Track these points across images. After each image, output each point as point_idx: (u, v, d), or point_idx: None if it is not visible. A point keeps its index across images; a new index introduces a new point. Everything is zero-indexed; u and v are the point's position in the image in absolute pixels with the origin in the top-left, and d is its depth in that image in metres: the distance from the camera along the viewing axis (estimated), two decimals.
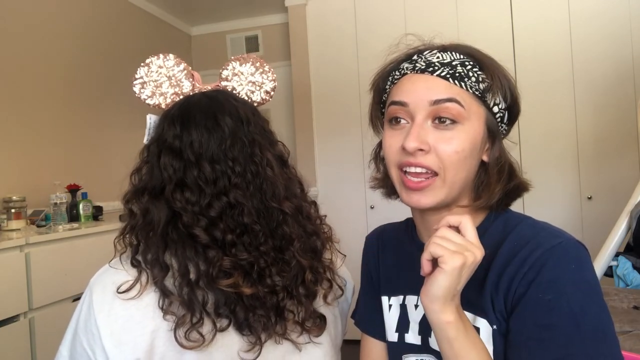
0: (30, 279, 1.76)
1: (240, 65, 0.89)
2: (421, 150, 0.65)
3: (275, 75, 0.91)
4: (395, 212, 0.92)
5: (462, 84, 0.66)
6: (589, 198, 2.81)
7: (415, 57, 0.70)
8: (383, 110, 0.75)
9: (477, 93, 0.66)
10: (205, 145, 0.73)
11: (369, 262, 0.89)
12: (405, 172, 0.68)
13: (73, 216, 2.32)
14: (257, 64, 0.90)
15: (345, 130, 3.23)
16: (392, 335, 0.79)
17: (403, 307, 0.78)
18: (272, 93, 0.90)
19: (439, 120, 0.65)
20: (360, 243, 0.91)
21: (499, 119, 0.70)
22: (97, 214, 2.46)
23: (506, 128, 0.73)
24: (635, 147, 2.72)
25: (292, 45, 3.40)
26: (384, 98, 0.75)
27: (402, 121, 0.68)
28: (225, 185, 0.72)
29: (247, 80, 0.89)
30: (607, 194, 2.76)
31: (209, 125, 0.75)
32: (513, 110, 0.71)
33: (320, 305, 0.79)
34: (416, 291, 0.65)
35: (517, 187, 0.72)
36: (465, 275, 0.59)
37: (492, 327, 0.64)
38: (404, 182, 0.68)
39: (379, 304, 0.83)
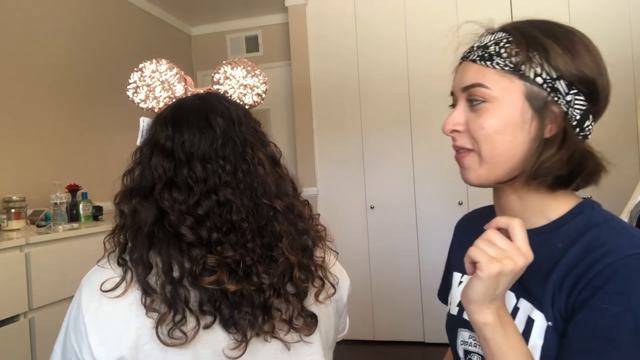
0: (30, 279, 1.76)
1: (232, 69, 0.91)
2: (457, 131, 0.69)
3: (266, 78, 0.92)
4: (396, 212, 0.91)
5: (489, 63, 0.67)
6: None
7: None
8: None
9: (507, 68, 0.65)
10: (196, 145, 0.74)
11: (453, 242, 0.92)
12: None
13: (73, 216, 2.33)
14: (249, 68, 0.91)
15: (346, 130, 3.22)
16: (454, 309, 0.82)
17: None
18: (263, 96, 0.92)
19: (472, 101, 0.68)
20: (360, 243, 0.91)
21: (548, 90, 0.64)
22: (97, 214, 2.47)
23: (580, 103, 0.65)
24: (635, 147, 2.72)
25: (292, 45, 3.41)
26: None
27: None
28: (216, 183, 0.72)
29: (239, 83, 0.91)
30: (607, 194, 2.75)
31: (200, 125, 0.75)
32: (588, 85, 0.64)
33: (311, 304, 0.79)
34: None
35: (592, 167, 0.67)
36: (504, 282, 0.58)
37: (547, 323, 0.63)
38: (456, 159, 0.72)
39: (452, 279, 0.86)
